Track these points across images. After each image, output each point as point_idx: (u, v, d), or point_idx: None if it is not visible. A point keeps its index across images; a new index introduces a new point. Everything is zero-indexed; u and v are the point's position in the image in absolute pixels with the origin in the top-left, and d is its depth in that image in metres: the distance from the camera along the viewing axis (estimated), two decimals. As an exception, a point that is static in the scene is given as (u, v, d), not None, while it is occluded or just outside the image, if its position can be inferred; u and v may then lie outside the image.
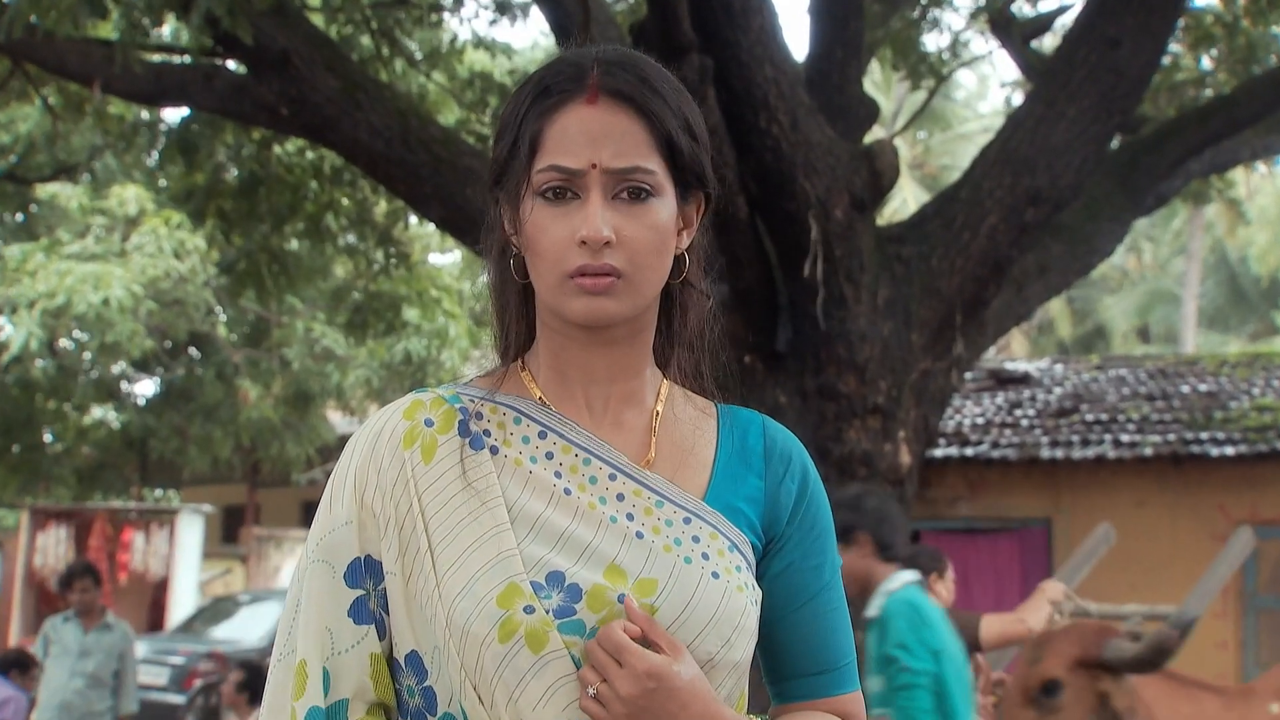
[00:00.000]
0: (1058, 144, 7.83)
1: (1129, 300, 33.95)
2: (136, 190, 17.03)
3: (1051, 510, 12.59)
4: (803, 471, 1.79)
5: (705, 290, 1.81)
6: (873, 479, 7.66)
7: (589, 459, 1.68)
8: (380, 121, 8.01)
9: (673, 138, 1.64)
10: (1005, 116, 10.30)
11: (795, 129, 7.40)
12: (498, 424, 1.70)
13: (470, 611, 1.55)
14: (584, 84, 1.62)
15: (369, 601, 1.64)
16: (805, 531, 1.76)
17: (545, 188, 1.61)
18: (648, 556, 1.61)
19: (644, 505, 1.66)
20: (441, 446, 1.67)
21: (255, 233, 11.43)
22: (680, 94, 1.68)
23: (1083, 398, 14.09)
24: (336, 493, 1.70)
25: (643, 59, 1.68)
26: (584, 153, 1.60)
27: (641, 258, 1.61)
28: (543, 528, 1.61)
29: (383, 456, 1.67)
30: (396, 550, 1.63)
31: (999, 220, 7.88)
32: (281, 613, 1.72)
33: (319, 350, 19.00)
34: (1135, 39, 7.79)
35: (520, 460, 1.67)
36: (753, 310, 7.80)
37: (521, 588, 1.55)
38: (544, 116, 1.62)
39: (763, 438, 1.79)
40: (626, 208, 1.61)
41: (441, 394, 1.74)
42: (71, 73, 8.67)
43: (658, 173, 1.63)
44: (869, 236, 7.83)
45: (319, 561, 1.67)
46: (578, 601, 1.56)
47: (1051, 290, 9.84)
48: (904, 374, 7.88)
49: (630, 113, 1.62)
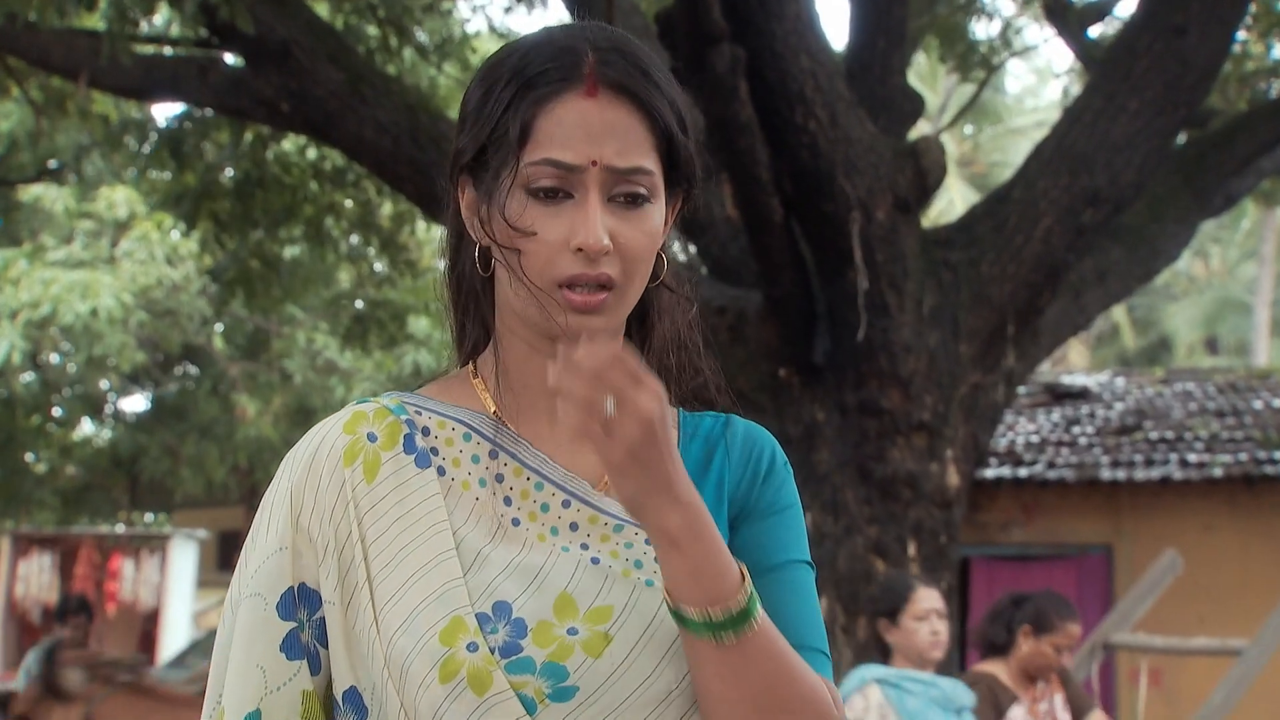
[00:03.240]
0: (1118, 140, 7.81)
1: (1196, 308, 33.79)
2: (126, 192, 17.09)
3: (1112, 536, 12.54)
4: (761, 457, 1.76)
5: (687, 295, 1.78)
6: (918, 502, 7.65)
7: (541, 483, 1.66)
8: (387, 117, 8.03)
9: (672, 135, 1.62)
10: (1061, 110, 10.28)
11: (834, 124, 7.40)
12: (446, 440, 1.67)
13: (409, 649, 1.52)
14: (580, 73, 1.59)
15: (302, 634, 1.62)
16: (764, 509, 1.73)
17: (537, 184, 1.57)
18: (604, 583, 1.59)
19: (600, 532, 1.64)
20: (385, 464, 1.64)
21: (249, 237, 11.47)
22: (672, 82, 1.66)
23: (1146, 414, 14.04)
24: (270, 517, 1.67)
25: (634, 41, 1.65)
26: (584, 148, 1.56)
27: (636, 267, 1.59)
28: (489, 556, 1.59)
29: (321, 475, 1.64)
30: (336, 578, 1.60)
31: (1054, 222, 7.87)
32: (212, 659, 1.69)
33: (322, 363, 19.04)
34: (1202, 26, 7.77)
35: (468, 483, 1.65)
36: (788, 320, 7.79)
37: (466, 623, 1.52)
38: (536, 105, 1.58)
39: (723, 440, 1.77)
40: (623, 211, 1.58)
41: (386, 404, 1.70)
42: (56, 66, 8.72)
43: (655, 174, 1.60)
44: (914, 240, 7.82)
45: (251, 595, 1.63)
46: (523, 637, 1.53)
47: (1111, 298, 9.82)
48: (952, 388, 7.86)
49: (630, 107, 1.59)
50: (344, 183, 11.45)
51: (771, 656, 1.53)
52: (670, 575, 1.51)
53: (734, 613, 1.49)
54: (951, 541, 7.88)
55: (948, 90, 27.89)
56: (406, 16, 10.85)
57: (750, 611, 1.50)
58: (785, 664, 1.54)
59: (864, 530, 7.60)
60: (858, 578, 7.52)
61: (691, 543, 1.49)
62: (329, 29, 8.64)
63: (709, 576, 1.49)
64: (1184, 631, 8.81)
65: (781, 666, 1.53)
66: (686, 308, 1.77)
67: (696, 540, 1.49)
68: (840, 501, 7.64)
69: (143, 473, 21.28)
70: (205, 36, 8.22)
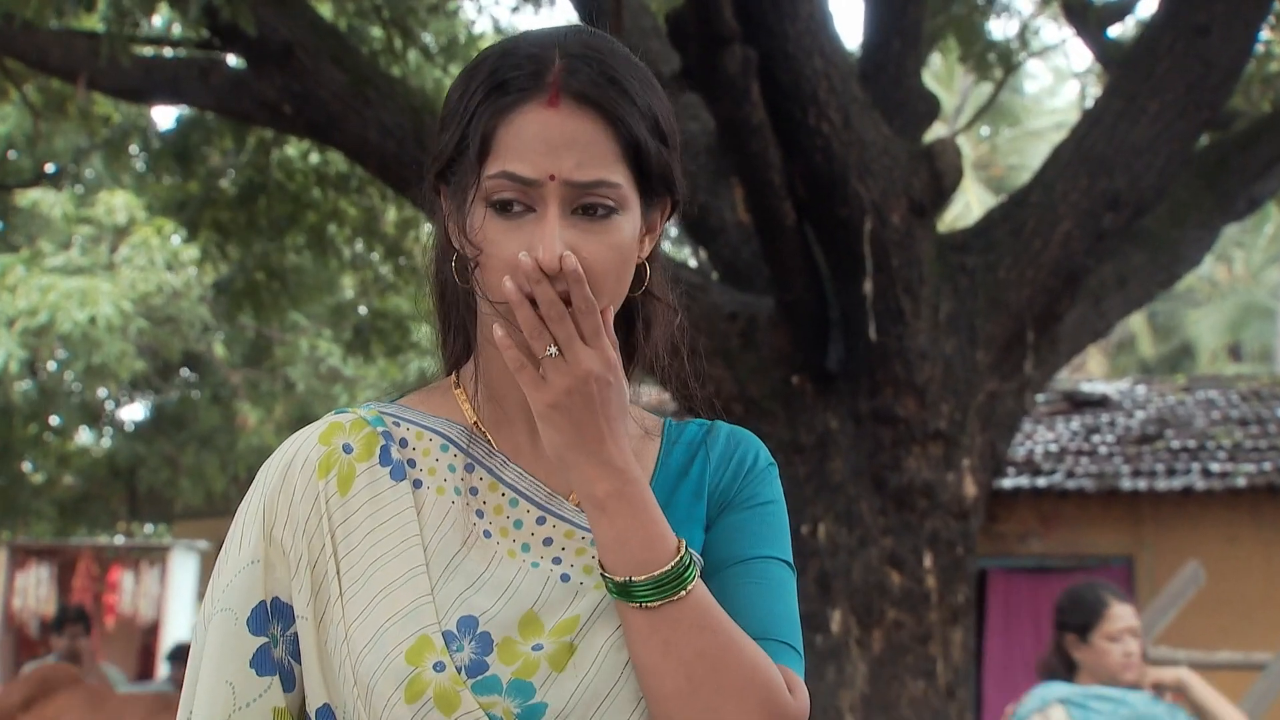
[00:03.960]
0: (1139, 142, 7.80)
1: (1218, 314, 33.72)
2: (126, 197, 17.11)
3: (1133, 547, 12.52)
4: (745, 456, 1.77)
5: (673, 304, 1.76)
6: (934, 512, 7.63)
7: (516, 499, 1.66)
8: (392, 119, 8.04)
9: (640, 145, 1.59)
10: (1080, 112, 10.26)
11: (848, 127, 7.39)
12: (424, 450, 1.68)
13: (375, 667, 1.52)
14: (543, 82, 1.57)
15: (274, 649, 1.62)
16: (741, 503, 1.73)
17: (495, 197, 1.56)
18: (574, 598, 1.60)
19: (575, 546, 1.64)
20: (360, 476, 1.65)
21: (253, 246, 11.48)
22: (650, 88, 1.64)
23: (1168, 422, 14.01)
24: (243, 529, 1.67)
25: (609, 46, 1.64)
26: (542, 162, 1.54)
27: (599, 281, 1.56)
28: (458, 569, 1.59)
29: (295, 487, 1.65)
30: (309, 592, 1.60)
31: (1073, 226, 7.85)
32: (186, 674, 1.69)
33: (325, 370, 19.05)
34: (1226, 25, 7.76)
35: (443, 489, 1.65)
36: (800, 326, 7.78)
37: (433, 641, 1.53)
38: (498, 116, 1.57)
39: (704, 444, 1.78)
40: (587, 224, 1.56)
41: (363, 415, 1.71)
42: (54, 68, 8.73)
43: (623, 185, 1.58)
44: (929, 245, 7.81)
45: (222, 610, 1.63)
46: (489, 654, 1.53)
47: (1132, 303, 9.80)
48: (969, 396, 7.85)
49: (595, 118, 1.57)
50: (348, 188, 11.46)
51: (706, 629, 1.53)
52: (599, 540, 1.54)
53: (659, 578, 1.51)
54: (968, 553, 7.86)
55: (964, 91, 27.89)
56: (411, 17, 10.86)
57: (681, 580, 1.51)
58: (723, 640, 1.54)
59: (878, 541, 7.59)
60: (872, 590, 7.50)
61: (619, 508, 1.51)
62: (332, 30, 8.65)
63: (636, 544, 1.51)
64: (1207, 645, 8.80)
65: (719, 641, 1.53)
66: (673, 316, 1.77)
67: (625, 506, 1.52)
68: (854, 512, 7.62)
69: (142, 483, 21.28)
70: (206, 37, 8.22)
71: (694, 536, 1.69)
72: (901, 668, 7.44)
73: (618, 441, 1.52)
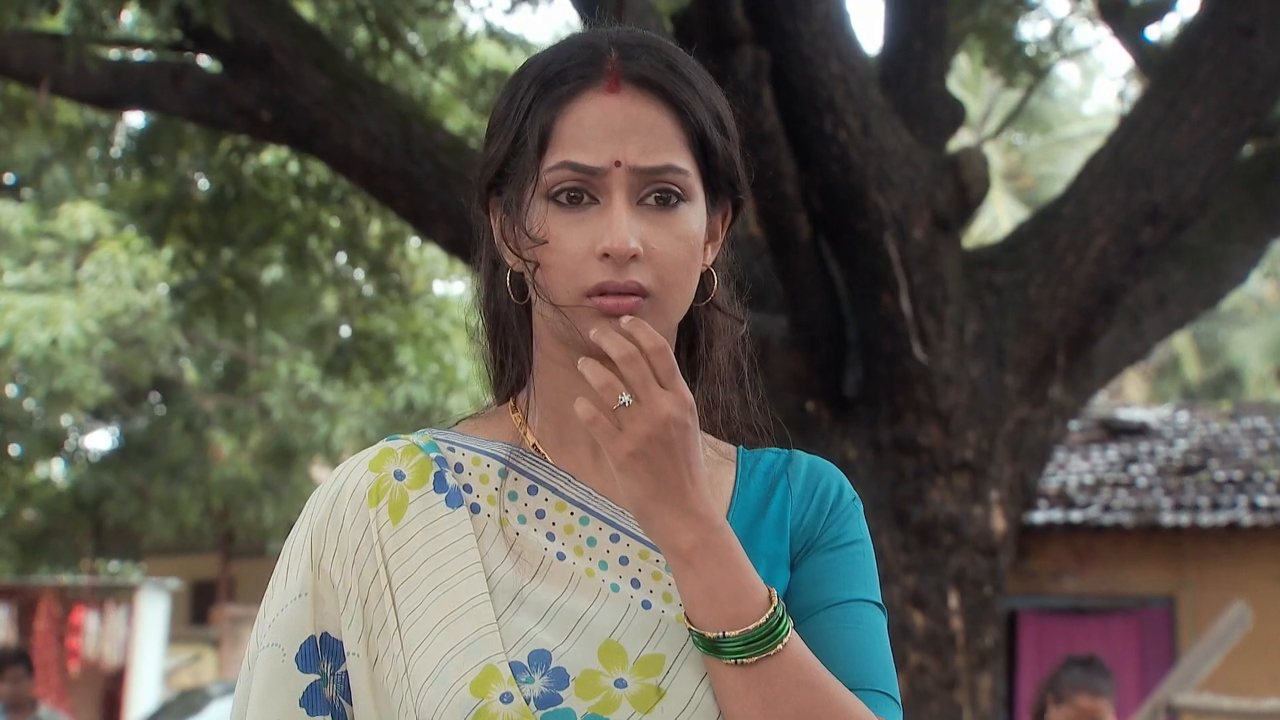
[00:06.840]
0: (1179, 151, 7.81)
1: (1265, 336, 33.71)
2: (91, 210, 17.12)
3: (1175, 586, 12.51)
4: (828, 491, 1.79)
5: (737, 315, 1.79)
6: (960, 548, 7.64)
7: (587, 517, 1.67)
8: (378, 127, 8.06)
9: (706, 133, 1.62)
10: (1117, 118, 10.29)
11: (866, 134, 7.41)
12: (480, 477, 1.69)
13: (439, 700, 1.53)
14: (602, 69, 1.60)
15: (325, 688, 1.63)
16: (827, 543, 1.74)
17: (558, 189, 1.58)
18: (655, 630, 1.60)
19: (652, 569, 1.65)
20: (413, 504, 1.66)
21: (222, 255, 11.46)
22: (710, 83, 1.67)
23: (1211, 452, 14.01)
24: (290, 561, 1.69)
25: (665, 41, 1.67)
26: (605, 148, 1.57)
27: (671, 274, 1.59)
28: (527, 599, 1.60)
29: (344, 516, 1.66)
30: (360, 628, 1.62)
31: (1109, 241, 7.87)
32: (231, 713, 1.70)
33: (304, 397, 19.04)
34: (1271, 26, 7.78)
35: (506, 520, 1.66)
36: (816, 348, 7.80)
37: (499, 671, 1.53)
38: (555, 107, 1.59)
39: (785, 476, 1.79)
40: (654, 214, 1.59)
41: (416, 441, 1.72)
42: (15, 72, 8.76)
43: (690, 173, 1.61)
44: (954, 261, 7.83)
45: (269, 646, 1.65)
46: (564, 688, 1.54)
47: (1172, 324, 9.80)
48: (997, 424, 7.85)
49: (658, 103, 1.60)
50: (329, 199, 11.46)
51: (805, 685, 1.53)
52: (685, 594, 1.53)
53: (752, 634, 1.51)
54: (997, 592, 7.86)
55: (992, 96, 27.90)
56: (399, 18, 10.89)
57: (775, 635, 1.52)
58: (822, 697, 1.54)
59: (900, 580, 7.59)
60: (893, 632, 7.48)
61: (706, 560, 1.51)
62: (314, 31, 8.67)
63: (726, 597, 1.51)
64: (1254, 692, 8.79)
65: (818, 699, 1.54)
66: (738, 329, 1.79)
67: (712, 558, 1.51)
68: (875, 548, 7.62)
69: (108, 517, 21.30)
70: (179, 39, 8.25)
71: (779, 578, 1.69)
72: (925, 716, 7.44)
73: (698, 487, 1.52)
